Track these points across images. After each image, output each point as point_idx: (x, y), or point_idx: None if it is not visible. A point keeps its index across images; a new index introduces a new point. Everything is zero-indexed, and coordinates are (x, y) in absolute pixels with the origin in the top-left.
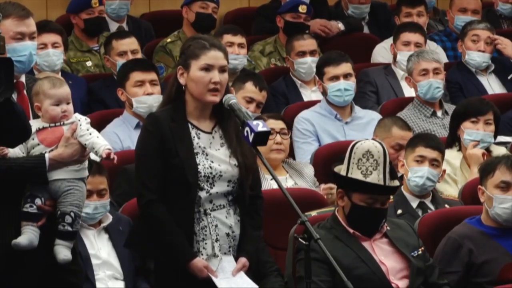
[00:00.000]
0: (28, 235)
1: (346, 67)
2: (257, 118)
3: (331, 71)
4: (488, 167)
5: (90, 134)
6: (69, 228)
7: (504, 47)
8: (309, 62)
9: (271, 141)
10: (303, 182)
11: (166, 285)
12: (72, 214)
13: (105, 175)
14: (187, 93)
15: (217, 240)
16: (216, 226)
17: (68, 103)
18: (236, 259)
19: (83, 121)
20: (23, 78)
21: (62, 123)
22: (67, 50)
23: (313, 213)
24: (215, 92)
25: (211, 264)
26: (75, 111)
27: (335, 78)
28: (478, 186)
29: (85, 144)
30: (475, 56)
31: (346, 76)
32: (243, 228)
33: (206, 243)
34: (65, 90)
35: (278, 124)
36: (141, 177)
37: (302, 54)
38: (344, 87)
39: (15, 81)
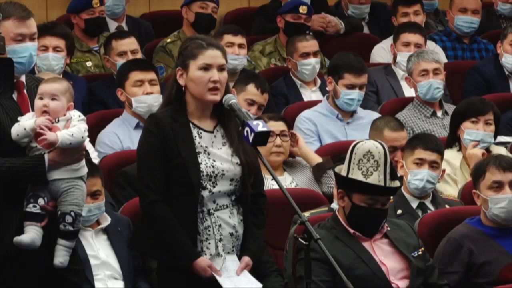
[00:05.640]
0: (31, 234)
1: (364, 78)
2: (257, 119)
3: (351, 79)
4: (478, 171)
5: (74, 125)
6: (70, 228)
7: None
8: (313, 63)
9: (270, 144)
10: (301, 177)
11: (170, 285)
12: (72, 213)
13: (99, 176)
14: (187, 93)
15: (220, 240)
16: (220, 226)
17: (53, 99)
18: (239, 258)
19: (75, 118)
20: (23, 78)
21: (56, 120)
22: (72, 54)
23: (307, 213)
24: (215, 91)
25: (215, 264)
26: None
27: (352, 87)
28: (473, 191)
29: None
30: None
31: (362, 87)
32: (246, 227)
33: (209, 243)
34: (51, 86)
35: (278, 126)
36: (143, 178)
37: (306, 55)
38: (358, 97)
39: (15, 80)
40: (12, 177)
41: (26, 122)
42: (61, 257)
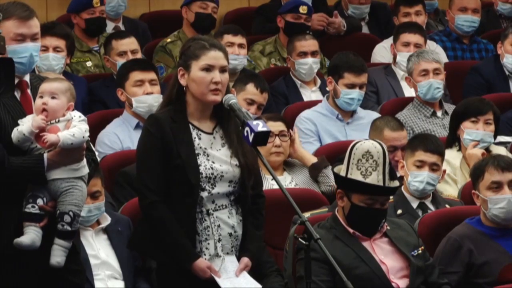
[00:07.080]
0: (31, 235)
1: (364, 77)
2: (256, 119)
3: (351, 78)
4: (477, 171)
5: (74, 126)
6: (68, 228)
7: None
8: (310, 63)
9: (270, 144)
10: (301, 176)
11: (169, 285)
12: (71, 213)
13: (99, 177)
14: (188, 94)
15: (219, 240)
16: (219, 226)
17: (52, 98)
18: (238, 259)
19: (76, 118)
20: (27, 77)
21: (57, 120)
22: (72, 54)
23: (307, 214)
24: (216, 91)
25: (214, 265)
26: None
27: (352, 86)
28: (472, 191)
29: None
30: None
31: (362, 86)
32: (245, 227)
33: (208, 243)
34: (52, 84)
35: (277, 126)
36: (142, 178)
37: (303, 54)
38: (358, 97)
39: (18, 80)
40: (11, 176)
41: (23, 127)
42: (58, 257)
